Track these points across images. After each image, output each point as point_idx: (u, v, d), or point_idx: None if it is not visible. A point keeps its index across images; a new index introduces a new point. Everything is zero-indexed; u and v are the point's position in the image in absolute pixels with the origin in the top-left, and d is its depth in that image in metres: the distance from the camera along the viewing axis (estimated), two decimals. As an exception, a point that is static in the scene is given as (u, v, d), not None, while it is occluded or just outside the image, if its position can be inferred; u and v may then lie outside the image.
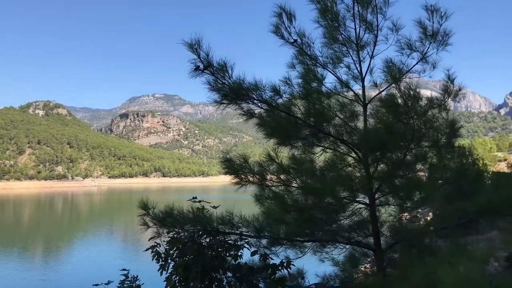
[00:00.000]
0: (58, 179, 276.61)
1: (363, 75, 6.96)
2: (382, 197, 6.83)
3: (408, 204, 6.74)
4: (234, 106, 6.23)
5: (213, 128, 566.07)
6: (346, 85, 7.07)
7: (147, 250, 6.36)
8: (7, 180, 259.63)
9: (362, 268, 7.91)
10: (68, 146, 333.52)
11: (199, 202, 6.67)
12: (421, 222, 7.86)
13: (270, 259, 6.45)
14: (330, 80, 7.09)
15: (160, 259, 6.21)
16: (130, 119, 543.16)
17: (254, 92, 6.01)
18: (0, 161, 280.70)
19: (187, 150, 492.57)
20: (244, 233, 6.52)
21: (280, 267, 6.34)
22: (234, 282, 6.11)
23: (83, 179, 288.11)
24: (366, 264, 8.06)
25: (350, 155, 6.87)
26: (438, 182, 6.91)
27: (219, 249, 6.21)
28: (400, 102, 6.04)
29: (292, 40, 6.80)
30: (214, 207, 6.81)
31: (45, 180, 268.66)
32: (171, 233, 6.41)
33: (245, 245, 6.39)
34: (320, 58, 7.03)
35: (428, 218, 10.18)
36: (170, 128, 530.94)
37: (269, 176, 6.92)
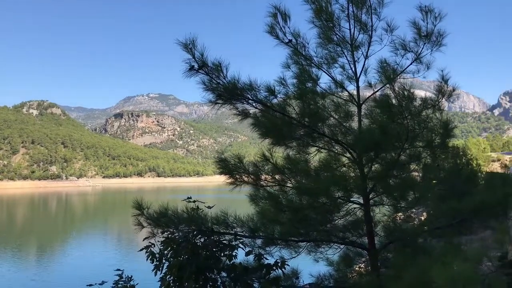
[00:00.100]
0: (52, 179, 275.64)
1: (358, 76, 6.97)
2: (376, 197, 6.84)
3: (402, 204, 6.76)
4: (229, 106, 6.21)
5: (208, 128, 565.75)
6: (340, 85, 7.07)
7: (141, 250, 6.34)
8: (1, 180, 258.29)
9: (356, 268, 7.93)
10: (62, 146, 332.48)
11: (194, 202, 6.66)
12: (415, 222, 7.89)
13: (264, 259, 6.45)
14: (324, 80, 7.09)
15: (155, 259, 6.20)
16: (125, 119, 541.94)
17: (249, 92, 6.00)
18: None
19: (182, 150, 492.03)
20: (238, 233, 6.52)
21: (275, 267, 6.34)
22: (228, 282, 6.10)
23: (77, 179, 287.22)
24: (360, 264, 8.08)
25: (345, 155, 6.88)
26: (432, 182, 6.93)
27: (214, 249, 6.20)
28: (394, 102, 6.05)
29: (287, 40, 6.80)
30: (209, 207, 6.81)
31: (39, 180, 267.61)
32: (166, 233, 6.39)
33: (239, 245, 6.38)
34: (315, 58, 7.03)
35: (422, 218, 10.22)
36: (164, 128, 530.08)
37: (263, 176, 6.91)
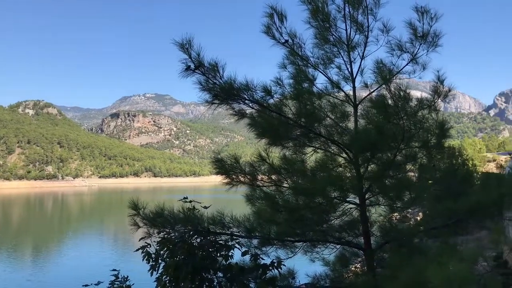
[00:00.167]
0: (48, 179, 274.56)
1: (354, 76, 6.97)
2: (373, 197, 6.85)
3: (398, 204, 6.77)
4: (226, 106, 6.21)
5: (204, 128, 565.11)
6: (337, 85, 7.07)
7: (137, 250, 6.33)
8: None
9: (353, 268, 7.94)
10: (58, 145, 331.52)
11: (190, 202, 6.66)
12: (411, 222, 7.91)
13: (261, 259, 6.46)
14: (321, 81, 7.10)
15: (151, 260, 6.19)
16: (121, 119, 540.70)
17: (245, 92, 5.99)
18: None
19: (178, 150, 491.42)
20: (235, 233, 6.52)
21: (271, 267, 6.35)
22: (224, 282, 6.11)
23: (74, 179, 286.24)
24: (356, 264, 8.09)
25: (341, 155, 6.88)
26: (428, 182, 6.95)
27: (210, 249, 6.20)
28: (390, 103, 6.06)
29: (283, 41, 6.80)
30: (205, 207, 6.80)
31: (35, 180, 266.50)
32: (162, 233, 6.39)
33: (236, 245, 6.39)
34: (311, 59, 7.04)
35: (418, 218, 10.25)
36: (161, 128, 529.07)
37: (260, 176, 6.91)
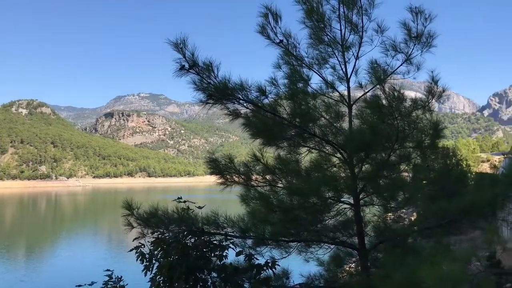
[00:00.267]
0: (41, 179, 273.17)
1: (348, 76, 6.98)
2: (367, 197, 6.87)
3: (392, 204, 6.79)
4: (220, 106, 6.20)
5: (199, 128, 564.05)
6: (331, 86, 7.08)
7: (131, 250, 6.31)
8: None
9: (347, 268, 7.95)
10: (52, 145, 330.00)
11: (184, 202, 6.64)
12: (405, 222, 7.93)
13: (255, 259, 6.45)
14: (315, 81, 7.10)
15: (145, 260, 6.17)
16: (115, 119, 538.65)
17: (240, 92, 5.98)
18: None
19: (172, 150, 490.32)
20: (229, 233, 6.51)
21: (265, 267, 6.35)
22: (219, 283, 6.10)
23: (67, 179, 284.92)
24: (350, 264, 8.11)
25: (335, 155, 6.89)
26: (422, 182, 6.97)
27: (204, 249, 6.19)
28: (384, 103, 6.07)
29: (278, 41, 6.80)
30: (199, 207, 6.79)
31: (28, 180, 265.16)
32: (156, 233, 6.37)
33: (230, 245, 6.38)
34: (306, 59, 7.04)
35: (412, 218, 10.28)
36: (155, 127, 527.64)
37: (254, 176, 6.91)
